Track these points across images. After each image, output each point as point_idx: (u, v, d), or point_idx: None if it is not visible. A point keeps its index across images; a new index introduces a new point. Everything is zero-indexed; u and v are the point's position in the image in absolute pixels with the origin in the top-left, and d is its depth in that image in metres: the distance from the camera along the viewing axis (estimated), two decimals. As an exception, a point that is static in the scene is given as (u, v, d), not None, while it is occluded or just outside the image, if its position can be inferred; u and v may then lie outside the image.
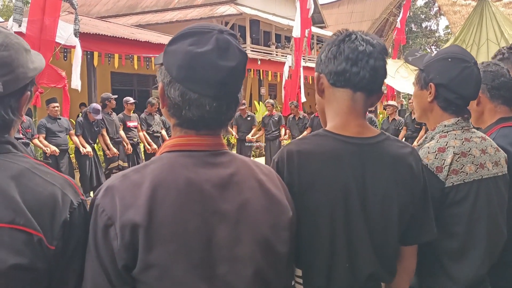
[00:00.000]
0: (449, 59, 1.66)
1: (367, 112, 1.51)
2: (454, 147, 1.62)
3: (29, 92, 1.15)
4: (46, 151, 7.45)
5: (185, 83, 1.08)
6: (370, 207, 1.31)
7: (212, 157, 1.12)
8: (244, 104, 10.64)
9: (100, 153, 8.64)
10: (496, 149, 1.73)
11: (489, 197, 1.62)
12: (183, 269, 1.01)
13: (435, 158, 1.60)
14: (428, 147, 1.62)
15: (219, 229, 1.06)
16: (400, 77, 10.71)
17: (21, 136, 7.22)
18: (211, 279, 1.04)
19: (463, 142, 1.65)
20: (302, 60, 12.69)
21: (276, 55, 20.98)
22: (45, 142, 7.52)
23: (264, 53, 20.17)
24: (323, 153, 1.31)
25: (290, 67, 12.66)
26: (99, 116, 8.11)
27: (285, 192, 1.22)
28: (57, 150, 7.49)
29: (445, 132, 1.68)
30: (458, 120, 1.69)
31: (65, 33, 8.40)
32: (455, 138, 1.65)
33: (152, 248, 1.00)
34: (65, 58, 9.55)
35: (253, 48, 20.51)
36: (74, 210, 1.08)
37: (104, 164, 8.57)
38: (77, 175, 8.40)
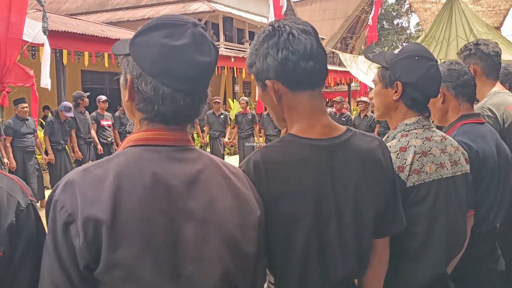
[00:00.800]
0: (416, 57, 1.65)
1: (345, 110, 1.49)
2: (415, 146, 1.62)
3: None
4: (5, 163, 7.10)
5: (158, 77, 1.04)
6: (343, 209, 1.29)
7: (179, 152, 1.08)
8: (219, 101, 10.54)
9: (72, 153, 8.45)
10: (456, 148, 1.74)
11: (448, 197, 1.63)
12: (149, 269, 0.96)
13: (397, 157, 1.60)
14: (390, 146, 1.61)
15: (185, 228, 1.01)
16: (373, 73, 10.82)
17: (-14, 136, 7.01)
18: (177, 279, 1.00)
19: (424, 141, 1.65)
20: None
21: (250, 52, 20.94)
22: (10, 154, 7.22)
23: (238, 50, 20.12)
24: (291, 162, 1.26)
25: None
26: (71, 114, 7.93)
27: (253, 192, 1.18)
28: (15, 167, 7.21)
29: (406, 131, 1.67)
30: (419, 119, 1.69)
31: (32, 31, 8.20)
32: (416, 137, 1.65)
33: (116, 247, 0.94)
34: (34, 57, 9.30)
35: (226, 45, 20.44)
36: (21, 212, 1.02)
37: (75, 165, 8.39)
38: (47, 177, 8.22)
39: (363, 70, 11.90)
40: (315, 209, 1.26)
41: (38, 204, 7.73)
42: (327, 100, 19.95)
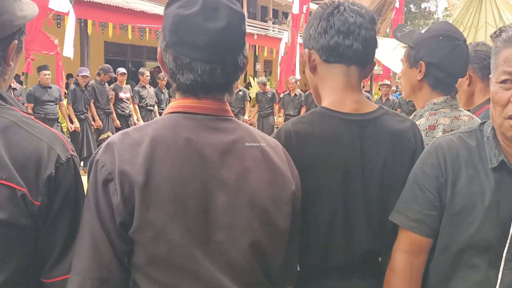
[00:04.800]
0: (440, 37, 1.63)
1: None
2: (444, 124, 1.62)
3: (16, 41, 1.11)
4: None
5: (176, 47, 1.06)
6: (370, 184, 1.31)
7: (215, 121, 1.09)
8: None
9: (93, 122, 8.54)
10: None
11: None
12: (179, 232, 1.00)
13: (426, 136, 1.59)
14: (419, 125, 1.60)
15: (217, 195, 1.04)
16: (397, 58, 10.65)
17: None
18: (207, 245, 1.03)
19: (452, 120, 1.64)
20: (299, 36, 12.57)
21: (273, 31, 20.77)
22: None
23: (261, 28, 19.96)
24: (321, 134, 1.28)
25: (286, 43, 12.55)
26: (86, 73, 7.93)
27: (291, 167, 1.18)
28: None
29: (434, 110, 1.67)
30: (447, 98, 1.68)
31: (58, -1, 8.24)
32: (445, 116, 1.65)
33: (148, 207, 0.98)
34: (59, 25, 9.38)
35: (249, 22, 20.28)
36: (61, 165, 1.06)
37: (95, 134, 8.51)
38: (68, 145, 8.35)
39: (387, 54, 11.70)
40: (343, 182, 1.28)
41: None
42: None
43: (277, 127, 13.09)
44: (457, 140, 1.28)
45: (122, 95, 8.86)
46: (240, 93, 10.57)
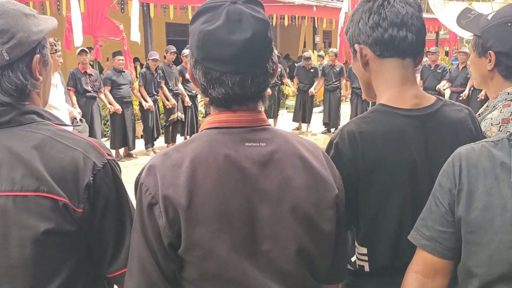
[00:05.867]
0: (509, 24, 1.53)
1: (440, 61, 1.43)
2: None
3: (38, 55, 1.16)
4: (110, 109, 7.70)
5: (204, 63, 1.07)
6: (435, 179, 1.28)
7: (251, 133, 1.10)
8: (309, 57, 10.61)
9: (160, 104, 8.85)
10: None
11: None
12: (227, 248, 1.02)
13: (499, 130, 1.51)
14: (491, 118, 1.54)
15: (260, 208, 1.05)
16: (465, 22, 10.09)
17: (89, 88, 7.50)
18: (255, 256, 1.05)
19: None
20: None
21: (332, 0, 20.29)
22: (111, 98, 7.72)
23: (319, -1, 19.55)
24: (386, 133, 1.27)
25: (346, 13, 12.24)
26: (156, 56, 8.17)
27: (331, 169, 1.17)
28: (121, 109, 7.71)
29: (508, 101, 1.58)
30: None
31: (121, -15, 8.50)
32: None
33: (194, 227, 1.01)
34: (122, 11, 9.71)
35: (307, -6, 19.90)
36: (98, 171, 1.12)
37: (163, 116, 8.81)
38: (140, 127, 8.71)
39: (454, 17, 11.12)
40: (410, 180, 1.26)
41: (132, 152, 8.31)
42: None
43: (346, 100, 12.36)
44: (480, 148, 1.13)
45: (188, 75, 9.01)
46: (312, 70, 10.52)
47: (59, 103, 4.54)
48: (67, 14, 8.35)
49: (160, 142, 8.85)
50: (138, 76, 8.55)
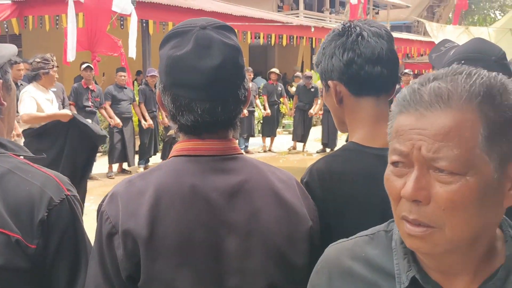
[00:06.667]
0: (463, 62, 1.49)
1: None
2: None
3: (1, 80, 1.14)
4: (111, 122, 7.77)
5: (173, 89, 1.03)
6: None
7: (221, 162, 1.05)
8: (310, 77, 10.68)
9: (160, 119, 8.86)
10: None
11: None
12: (189, 283, 0.97)
13: None
14: None
15: (228, 241, 1.00)
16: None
17: (89, 104, 7.56)
18: None
19: None
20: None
21: (330, 21, 20.50)
22: (111, 113, 7.79)
23: (317, 19, 19.76)
24: (355, 172, 1.21)
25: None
26: (154, 73, 8.23)
27: (306, 200, 1.13)
28: (121, 124, 7.76)
29: None
30: None
31: (121, 2, 8.57)
32: None
33: (154, 260, 0.96)
34: (122, 27, 9.75)
35: (306, 14, 20.13)
36: (55, 207, 1.07)
37: (163, 131, 8.83)
38: (138, 142, 8.71)
39: (452, 40, 11.24)
40: (382, 219, 1.20)
41: (135, 167, 8.26)
42: (416, 72, 19.13)
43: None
44: (352, 247, 0.89)
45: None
46: (312, 89, 10.56)
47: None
48: (66, 28, 8.39)
49: (157, 158, 8.82)
50: (135, 88, 8.60)
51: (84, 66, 7.67)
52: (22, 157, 1.15)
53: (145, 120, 8.21)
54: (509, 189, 0.72)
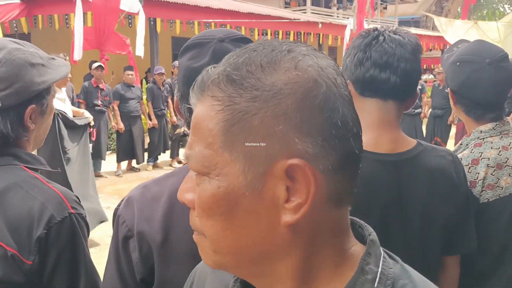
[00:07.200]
0: (458, 63, 1.55)
1: None
2: (489, 159, 1.50)
3: (34, 106, 1.15)
4: (114, 126, 7.83)
5: (188, 100, 1.05)
6: (409, 226, 1.25)
7: None
8: None
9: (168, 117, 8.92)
10: None
11: None
12: None
13: (468, 171, 1.48)
14: (461, 158, 1.49)
15: None
16: (471, 40, 10.12)
17: (99, 103, 7.62)
18: None
19: (499, 151, 1.51)
20: (365, 22, 12.28)
21: (337, 16, 20.42)
22: (117, 116, 7.84)
23: (324, 15, 19.68)
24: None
25: (351, 30, 12.30)
26: (161, 70, 8.29)
27: None
28: (123, 129, 7.80)
29: (480, 139, 1.55)
30: (496, 125, 1.55)
31: (129, 0, 8.61)
32: (491, 148, 1.52)
33: (167, 265, 0.98)
34: (130, 25, 9.78)
35: (313, 10, 20.05)
36: (55, 224, 1.07)
37: (171, 130, 8.85)
38: (146, 140, 8.76)
39: (460, 36, 11.17)
40: (382, 224, 1.22)
41: (143, 165, 8.31)
42: (424, 67, 18.98)
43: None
44: None
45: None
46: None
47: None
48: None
49: (166, 156, 8.84)
50: (143, 86, 8.61)
51: (95, 65, 7.72)
52: (32, 169, 1.15)
53: (150, 119, 8.25)
54: (286, 201, 0.55)
